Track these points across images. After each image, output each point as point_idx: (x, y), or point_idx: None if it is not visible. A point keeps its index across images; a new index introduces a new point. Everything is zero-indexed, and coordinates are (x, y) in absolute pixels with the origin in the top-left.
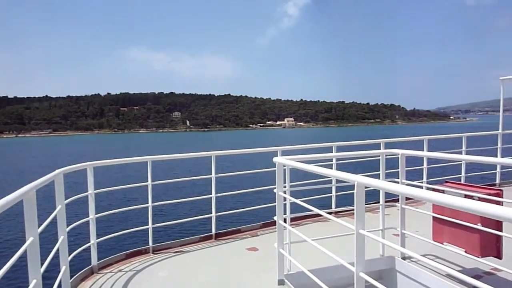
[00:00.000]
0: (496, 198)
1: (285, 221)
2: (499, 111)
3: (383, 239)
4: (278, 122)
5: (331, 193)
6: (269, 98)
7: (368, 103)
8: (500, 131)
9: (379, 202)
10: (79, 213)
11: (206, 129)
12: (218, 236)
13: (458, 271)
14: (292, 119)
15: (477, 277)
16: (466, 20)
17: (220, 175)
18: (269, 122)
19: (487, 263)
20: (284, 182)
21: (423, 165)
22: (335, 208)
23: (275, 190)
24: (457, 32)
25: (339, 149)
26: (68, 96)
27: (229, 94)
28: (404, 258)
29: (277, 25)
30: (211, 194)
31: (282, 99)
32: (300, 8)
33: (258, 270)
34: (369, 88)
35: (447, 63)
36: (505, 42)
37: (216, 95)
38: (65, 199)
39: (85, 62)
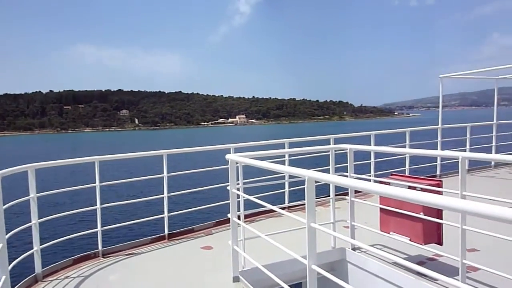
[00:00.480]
0: (436, 189)
1: (239, 218)
2: (438, 106)
3: (334, 231)
4: (230, 120)
5: (285, 188)
6: (221, 96)
7: (318, 100)
8: (439, 125)
9: (330, 196)
10: (20, 219)
11: (155, 127)
12: (171, 236)
13: (404, 258)
14: (244, 116)
15: (420, 263)
16: (410, 20)
17: (172, 174)
18: (220, 120)
19: (430, 249)
20: (238, 179)
21: (370, 159)
22: (289, 203)
23: (228, 188)
24: (402, 32)
25: (291, 145)
26: (6, 94)
27: (180, 92)
28: (354, 249)
29: (229, 22)
30: (163, 194)
31: (234, 96)
32: (252, 6)
33: (212, 269)
34: (319, 85)
35: (393, 62)
36: (444, 42)
37: (166, 92)
38: (4, 204)
39: (25, 58)
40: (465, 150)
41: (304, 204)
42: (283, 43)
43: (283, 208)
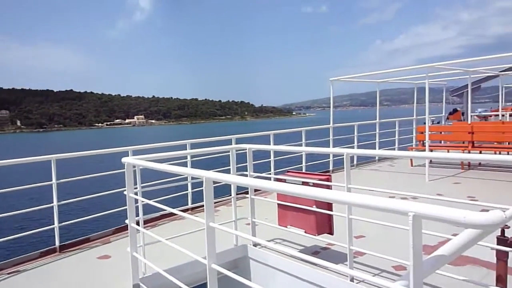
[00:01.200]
0: (326, 183)
1: (138, 223)
2: (333, 106)
3: (236, 229)
4: (128, 120)
5: (188, 190)
6: (119, 95)
7: (220, 100)
8: (331, 125)
9: (231, 195)
10: None
11: (41, 130)
12: (63, 248)
13: (300, 250)
14: (142, 116)
15: (315, 253)
16: (307, 25)
17: (62, 180)
18: (117, 121)
19: (323, 239)
20: (136, 183)
21: (270, 158)
22: (192, 204)
23: (125, 193)
24: (301, 36)
25: (193, 146)
26: None
27: (72, 90)
28: (255, 245)
29: (129, 17)
30: (52, 202)
31: (133, 96)
32: (152, 2)
33: (111, 279)
34: (222, 86)
35: (293, 64)
36: (337, 47)
37: (55, 91)
38: None
39: None
40: (353, 147)
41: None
42: (186, 43)
43: (186, 210)
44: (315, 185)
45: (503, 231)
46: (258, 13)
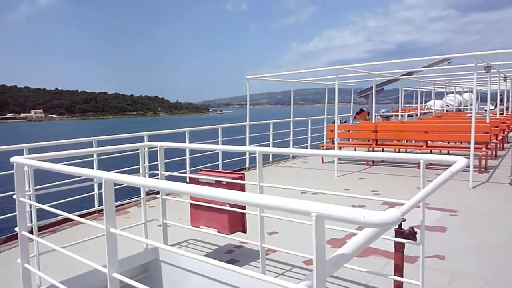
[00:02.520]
0: (239, 181)
1: (31, 231)
2: (250, 104)
3: (146, 232)
4: (23, 115)
5: (94, 191)
6: (15, 86)
7: (132, 95)
8: (247, 122)
9: (141, 196)
10: None
11: None
12: None
13: (214, 250)
14: (41, 110)
15: (229, 252)
16: (227, 23)
17: None
18: (10, 115)
19: (236, 238)
20: (29, 186)
21: (186, 156)
22: (100, 207)
23: (14, 197)
24: (222, 33)
25: (101, 144)
26: None
27: None
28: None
29: (32, 1)
30: None
31: (32, 87)
32: None
33: None
34: (135, 79)
35: (214, 61)
36: (256, 46)
37: None
38: None
39: None
40: (269, 145)
41: (117, 207)
42: (97, 32)
43: (93, 213)
44: (228, 183)
45: (400, 224)
46: (178, 7)
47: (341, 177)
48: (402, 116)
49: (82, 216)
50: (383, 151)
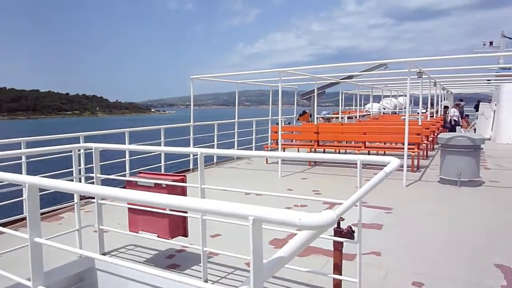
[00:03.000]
0: (180, 184)
1: None
2: (195, 105)
3: (80, 239)
4: None
5: (23, 197)
6: None
7: (68, 93)
8: (191, 123)
9: (75, 200)
10: None
11: None
12: None
13: (154, 255)
14: None
15: (170, 257)
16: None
17: None
18: None
19: (177, 242)
20: None
21: (125, 158)
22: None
23: None
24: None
25: (31, 145)
26: None
27: None
28: (104, 254)
29: None
30: None
31: None
32: None
33: None
34: (71, 77)
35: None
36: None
37: None
38: None
39: None
40: (213, 146)
41: (50, 212)
42: (30, 25)
43: (22, 220)
44: (168, 186)
45: (338, 223)
46: (121, 3)
47: (284, 178)
48: (342, 118)
49: (8, 224)
50: (324, 151)
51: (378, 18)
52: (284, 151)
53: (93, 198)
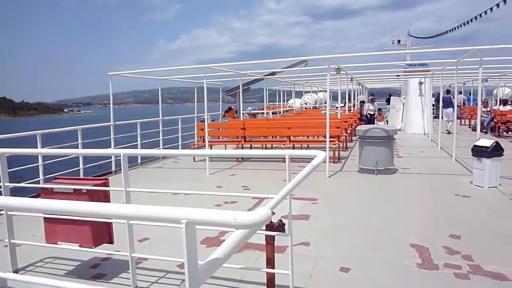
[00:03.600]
0: (103, 188)
1: None
2: (115, 103)
3: None
4: None
5: None
6: None
7: None
8: (111, 122)
9: None
10: None
11: None
12: None
13: (77, 266)
14: None
15: (95, 266)
16: (89, 17)
17: None
18: None
19: (102, 250)
20: None
21: (39, 162)
22: None
23: None
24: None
25: None
26: None
27: None
28: (17, 271)
29: None
30: None
31: None
32: None
33: None
34: None
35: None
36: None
37: None
38: None
39: None
40: (136, 146)
41: None
42: None
43: None
44: (89, 192)
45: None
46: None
47: (213, 175)
48: (267, 113)
49: None
50: (251, 147)
51: (296, 16)
52: (211, 148)
53: (1, 210)
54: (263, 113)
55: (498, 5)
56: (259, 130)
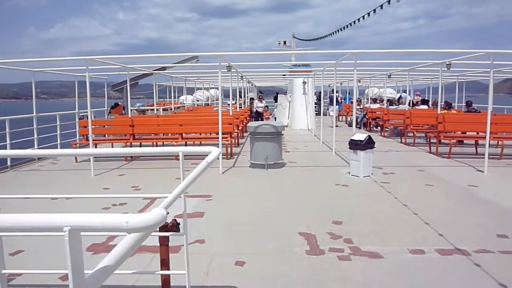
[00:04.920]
0: None
1: None
2: None
3: None
4: None
5: None
6: None
7: None
8: None
9: None
10: None
11: None
12: None
13: None
14: None
15: None
16: None
17: None
18: None
19: None
20: None
21: None
22: None
23: None
24: None
25: None
26: None
27: None
28: None
29: None
30: None
31: None
32: None
33: None
34: None
35: None
36: None
37: None
38: None
39: None
40: (5, 146)
41: None
42: None
43: None
44: None
45: None
46: None
47: (98, 176)
48: (157, 110)
49: None
50: (141, 145)
51: (184, 12)
52: (96, 147)
53: None
54: (153, 109)
55: (369, 13)
56: (149, 127)
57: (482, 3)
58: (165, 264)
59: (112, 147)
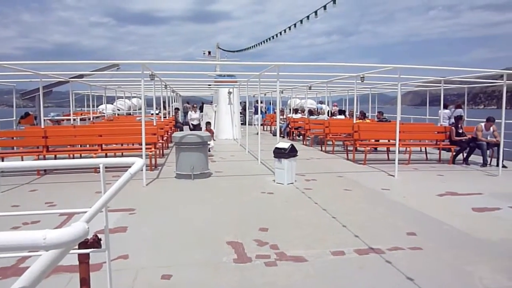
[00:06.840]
0: None
1: None
2: None
3: None
4: None
5: None
6: None
7: None
8: None
9: None
10: None
11: None
12: None
13: None
14: None
15: None
16: None
17: None
18: None
19: None
20: None
21: None
22: None
23: None
24: None
25: None
26: None
27: None
28: None
29: None
30: None
31: None
32: None
33: None
34: None
35: None
36: None
37: None
38: None
39: None
40: None
41: None
42: None
43: None
44: None
45: None
46: None
47: (6, 193)
48: (74, 120)
49: None
50: (56, 157)
51: (99, 16)
52: (2, 160)
53: None
54: (69, 119)
55: (290, 27)
56: (65, 139)
57: (387, 23)
58: (85, 284)
59: (22, 160)
